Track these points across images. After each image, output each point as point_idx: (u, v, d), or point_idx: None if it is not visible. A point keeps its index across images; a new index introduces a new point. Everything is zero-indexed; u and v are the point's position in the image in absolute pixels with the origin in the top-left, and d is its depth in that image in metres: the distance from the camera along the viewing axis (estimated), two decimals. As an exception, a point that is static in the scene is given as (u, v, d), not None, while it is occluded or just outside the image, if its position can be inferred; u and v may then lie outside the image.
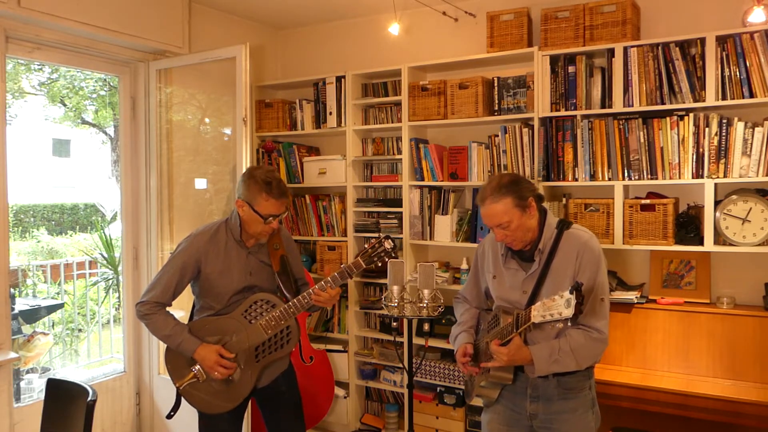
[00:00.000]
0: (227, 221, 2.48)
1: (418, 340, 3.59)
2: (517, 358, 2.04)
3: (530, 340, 2.10)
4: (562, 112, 3.21)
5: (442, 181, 3.61)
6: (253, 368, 2.39)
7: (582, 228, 2.19)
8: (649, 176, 3.01)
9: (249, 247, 2.46)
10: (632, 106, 3.03)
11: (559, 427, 2.11)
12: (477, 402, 2.32)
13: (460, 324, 2.37)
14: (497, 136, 3.42)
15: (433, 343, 3.53)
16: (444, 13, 3.76)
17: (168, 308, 2.43)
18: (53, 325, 5.78)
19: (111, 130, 11.57)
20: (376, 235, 3.83)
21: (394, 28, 3.64)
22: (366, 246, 2.46)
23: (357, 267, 2.41)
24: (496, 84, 3.43)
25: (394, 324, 3.03)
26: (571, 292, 1.83)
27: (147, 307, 2.36)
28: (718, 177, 2.86)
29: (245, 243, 2.45)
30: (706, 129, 2.88)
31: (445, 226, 3.58)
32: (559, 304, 1.87)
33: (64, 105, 11.19)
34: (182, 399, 2.44)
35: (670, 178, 2.97)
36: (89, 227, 12.17)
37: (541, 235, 2.13)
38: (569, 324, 1.89)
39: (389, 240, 2.44)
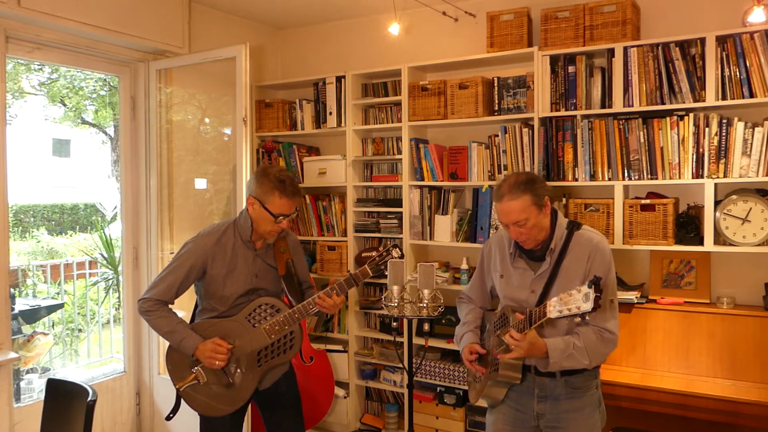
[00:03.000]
0: (235, 221, 2.46)
1: (418, 340, 3.59)
2: (534, 349, 2.02)
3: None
4: (562, 112, 3.21)
5: (442, 181, 3.61)
6: (254, 372, 2.39)
7: (592, 229, 2.19)
8: (649, 176, 3.01)
9: (257, 248, 2.45)
10: (632, 106, 3.03)
11: (566, 427, 2.11)
12: (478, 402, 2.31)
13: (464, 324, 2.36)
14: (497, 136, 3.42)
15: (433, 343, 3.53)
16: (444, 13, 3.76)
17: (170, 306, 2.42)
18: (53, 325, 5.78)
19: (111, 130, 11.58)
20: (377, 235, 3.86)
21: (394, 28, 3.64)
22: (373, 254, 2.46)
23: (364, 275, 2.41)
24: (496, 84, 3.43)
25: (394, 324, 3.03)
26: (589, 286, 1.81)
27: (149, 303, 2.35)
28: (718, 177, 2.86)
29: (254, 244, 2.44)
30: (706, 129, 2.88)
31: (445, 226, 3.58)
32: (576, 299, 1.84)
33: (64, 105, 11.19)
34: (182, 401, 2.44)
35: (670, 178, 2.97)
36: (89, 227, 12.17)
37: (552, 235, 2.13)
38: (586, 319, 1.87)
39: (397, 248, 2.44)
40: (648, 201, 3.02)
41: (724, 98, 2.85)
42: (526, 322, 2.02)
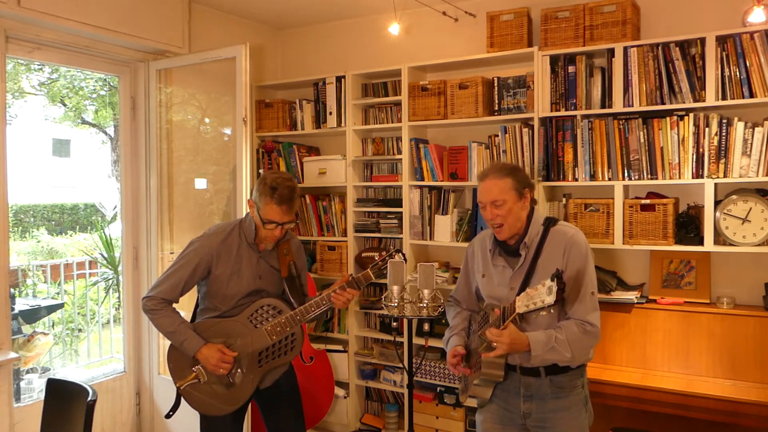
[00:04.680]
0: (241, 222, 2.48)
1: (418, 340, 3.59)
2: (516, 344, 2.02)
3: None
4: (562, 112, 3.21)
5: (442, 181, 3.60)
6: (255, 373, 2.39)
7: (568, 224, 2.22)
8: (649, 176, 3.01)
9: (261, 250, 2.46)
10: (632, 106, 3.03)
11: (553, 426, 2.11)
12: (469, 402, 2.32)
13: (451, 328, 2.39)
14: (497, 136, 3.42)
15: (433, 343, 3.52)
16: (444, 13, 3.76)
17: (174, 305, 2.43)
18: (53, 325, 5.78)
19: (111, 130, 11.58)
20: (377, 235, 3.86)
21: (394, 28, 3.63)
22: (377, 258, 2.48)
23: (366, 279, 2.43)
24: (496, 84, 3.43)
25: (394, 324, 3.02)
26: (552, 279, 1.85)
27: (153, 302, 2.36)
28: (718, 177, 2.86)
29: (258, 246, 2.45)
30: (706, 129, 2.88)
31: (445, 226, 3.58)
32: (541, 292, 1.89)
33: (64, 105, 11.19)
34: (182, 399, 2.44)
35: (670, 178, 2.97)
36: (89, 227, 12.18)
37: (527, 230, 2.15)
38: (552, 311, 1.91)
39: (400, 254, 2.45)
40: (648, 201, 3.02)
41: (724, 98, 2.85)
42: (500, 319, 2.04)
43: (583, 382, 2.18)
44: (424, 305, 2.89)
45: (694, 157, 2.91)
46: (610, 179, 3.10)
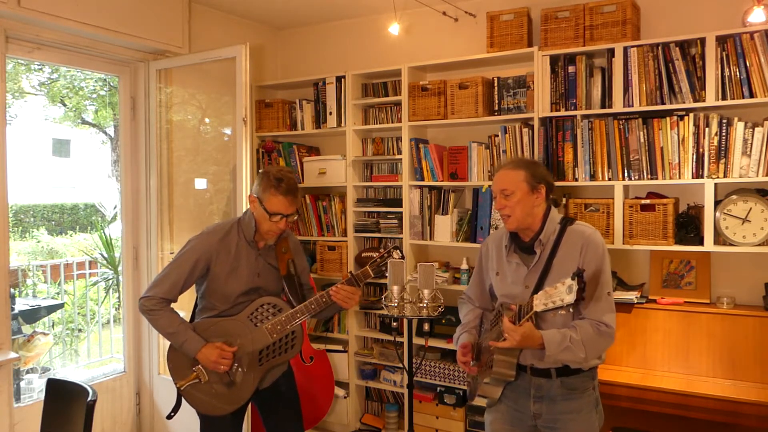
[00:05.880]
0: (240, 220, 2.48)
1: (418, 340, 3.59)
2: (528, 339, 1.99)
3: None
4: (562, 112, 3.21)
5: (442, 181, 3.61)
6: (255, 371, 2.39)
7: (585, 224, 2.19)
8: (649, 176, 3.01)
9: (260, 248, 2.46)
10: (632, 106, 3.03)
11: (563, 427, 2.10)
12: (478, 402, 2.32)
13: (462, 325, 2.37)
14: (497, 136, 3.42)
15: (433, 343, 3.53)
16: (444, 13, 3.76)
17: (173, 305, 2.43)
18: (53, 325, 5.78)
19: (111, 130, 11.57)
20: (377, 235, 3.86)
21: (394, 28, 3.64)
22: (374, 255, 2.47)
23: (365, 276, 2.42)
24: (496, 84, 3.43)
25: (394, 324, 3.03)
26: (573, 278, 1.82)
27: (152, 302, 2.35)
28: (718, 177, 2.86)
29: (257, 244, 2.45)
30: (706, 129, 2.88)
31: (445, 226, 3.58)
32: (560, 291, 1.85)
33: (64, 105, 11.19)
34: (183, 399, 2.44)
35: (670, 178, 2.97)
36: (89, 227, 12.18)
37: (542, 228, 2.13)
38: (570, 311, 1.88)
39: (398, 250, 2.45)
40: (648, 201, 3.02)
41: (724, 98, 2.85)
42: (515, 317, 2.03)
43: (594, 384, 2.17)
44: (424, 305, 2.89)
45: (694, 157, 2.91)
46: (610, 179, 3.10)
